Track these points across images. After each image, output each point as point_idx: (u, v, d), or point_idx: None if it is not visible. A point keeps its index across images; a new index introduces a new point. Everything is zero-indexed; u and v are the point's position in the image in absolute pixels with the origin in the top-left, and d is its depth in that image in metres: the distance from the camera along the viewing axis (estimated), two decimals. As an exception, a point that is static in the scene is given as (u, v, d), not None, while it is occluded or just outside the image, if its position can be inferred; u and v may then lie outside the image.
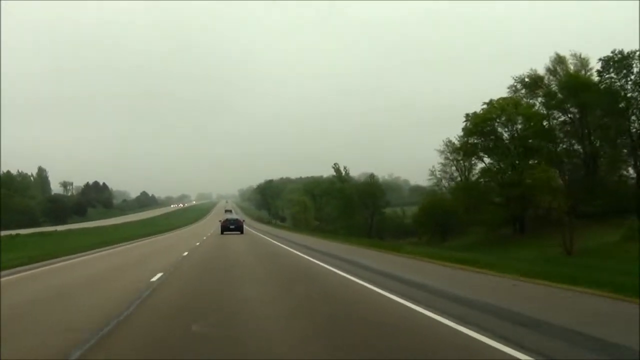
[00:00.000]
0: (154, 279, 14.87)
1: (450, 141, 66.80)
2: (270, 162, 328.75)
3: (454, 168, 68.97)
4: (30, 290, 14.03)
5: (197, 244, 36.30)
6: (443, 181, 70.94)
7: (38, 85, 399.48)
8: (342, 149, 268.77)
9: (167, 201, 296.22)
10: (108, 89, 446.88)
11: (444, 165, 69.29)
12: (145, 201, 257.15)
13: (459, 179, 68.28)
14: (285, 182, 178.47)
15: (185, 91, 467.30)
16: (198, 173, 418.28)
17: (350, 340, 7.09)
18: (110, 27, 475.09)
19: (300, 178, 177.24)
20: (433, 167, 70.68)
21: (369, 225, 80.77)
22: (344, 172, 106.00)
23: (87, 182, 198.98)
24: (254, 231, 65.89)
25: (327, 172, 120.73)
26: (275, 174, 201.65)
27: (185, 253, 26.54)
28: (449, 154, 67.71)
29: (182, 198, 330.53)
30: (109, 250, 32.78)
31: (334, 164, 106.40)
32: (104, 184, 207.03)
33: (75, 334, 7.55)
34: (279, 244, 36.52)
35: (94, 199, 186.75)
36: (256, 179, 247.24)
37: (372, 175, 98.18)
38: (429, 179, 73.10)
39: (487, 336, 7.14)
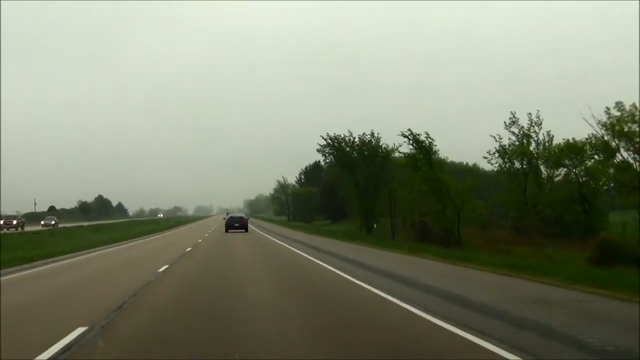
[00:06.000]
0: None
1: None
2: (277, 168, 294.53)
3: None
4: None
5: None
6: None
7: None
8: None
9: (152, 213, 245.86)
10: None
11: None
12: (99, 212, 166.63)
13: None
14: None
15: (183, 94, 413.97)
16: (198, 184, 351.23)
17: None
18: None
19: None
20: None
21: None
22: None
23: None
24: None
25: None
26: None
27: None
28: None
29: (176, 210, 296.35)
30: None
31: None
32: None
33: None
34: None
35: None
36: (265, 188, 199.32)
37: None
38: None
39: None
